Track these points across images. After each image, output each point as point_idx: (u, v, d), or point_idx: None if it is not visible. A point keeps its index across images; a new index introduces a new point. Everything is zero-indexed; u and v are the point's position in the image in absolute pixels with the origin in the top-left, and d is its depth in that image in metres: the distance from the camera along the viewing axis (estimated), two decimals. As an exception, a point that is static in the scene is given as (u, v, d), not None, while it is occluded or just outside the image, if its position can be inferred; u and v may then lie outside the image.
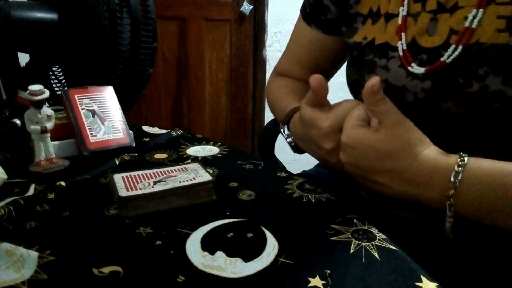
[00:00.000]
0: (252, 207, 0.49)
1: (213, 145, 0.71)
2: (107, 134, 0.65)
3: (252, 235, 0.42)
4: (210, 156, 0.66)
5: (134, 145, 0.67)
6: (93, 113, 0.65)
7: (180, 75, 2.18)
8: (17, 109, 0.75)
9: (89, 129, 0.63)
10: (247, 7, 2.11)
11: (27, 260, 0.36)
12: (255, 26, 2.19)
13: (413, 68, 0.54)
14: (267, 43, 2.20)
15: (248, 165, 0.62)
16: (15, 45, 0.83)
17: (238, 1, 2.11)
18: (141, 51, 0.80)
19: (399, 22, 0.56)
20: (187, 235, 0.42)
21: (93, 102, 0.66)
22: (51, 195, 0.50)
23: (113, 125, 0.66)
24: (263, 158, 0.67)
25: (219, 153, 0.67)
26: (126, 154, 0.64)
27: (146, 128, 0.80)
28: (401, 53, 0.56)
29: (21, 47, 0.85)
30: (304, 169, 0.83)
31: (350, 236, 0.42)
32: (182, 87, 2.20)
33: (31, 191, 0.51)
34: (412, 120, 0.56)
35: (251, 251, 0.39)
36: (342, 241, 0.41)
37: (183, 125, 2.25)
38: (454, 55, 0.51)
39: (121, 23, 0.76)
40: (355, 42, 0.64)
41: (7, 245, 0.38)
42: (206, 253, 0.39)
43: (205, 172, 0.52)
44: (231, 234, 0.42)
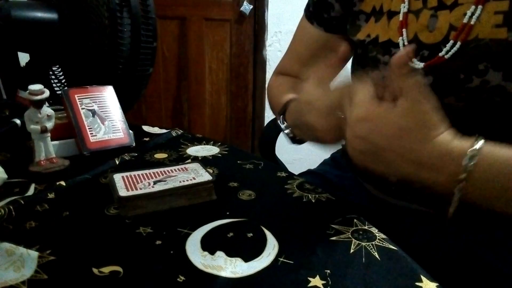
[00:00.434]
0: (252, 207, 0.49)
1: (213, 145, 0.71)
2: (107, 134, 0.65)
3: (252, 235, 0.42)
4: (210, 156, 0.66)
5: (134, 145, 0.67)
6: (93, 113, 0.65)
7: (180, 75, 2.18)
8: (17, 109, 0.75)
9: (89, 129, 0.63)
10: (247, 7, 2.11)
11: (27, 260, 0.36)
12: (255, 26, 2.19)
13: (414, 63, 0.55)
14: (267, 43, 2.20)
15: (248, 165, 0.62)
16: (15, 45, 0.83)
17: (238, 1, 2.11)
18: (141, 51, 0.80)
19: (400, 18, 0.57)
20: (187, 235, 0.42)
21: (93, 102, 0.66)
22: (51, 195, 0.50)
23: (113, 125, 0.66)
24: (264, 158, 0.67)
25: (219, 153, 0.67)
26: (126, 154, 0.64)
27: (146, 128, 0.80)
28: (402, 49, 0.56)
29: (21, 47, 0.85)
30: (304, 169, 0.83)
31: (350, 236, 0.42)
32: (182, 87, 2.20)
33: (31, 191, 0.51)
34: None
35: (251, 251, 0.39)
36: (342, 241, 0.41)
37: (183, 125, 2.25)
38: (452, 51, 0.51)
39: (121, 23, 0.76)
40: (358, 39, 0.64)
41: (7, 245, 0.38)
42: (206, 253, 0.39)
43: (205, 172, 0.52)
44: (231, 234, 0.42)
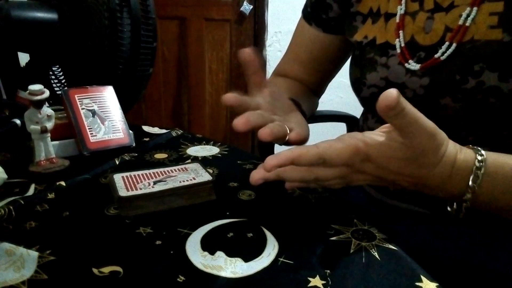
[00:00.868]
0: (252, 207, 0.49)
1: (213, 145, 0.71)
2: (107, 134, 0.65)
3: (252, 235, 0.42)
4: (210, 156, 0.66)
5: (134, 145, 0.67)
6: (93, 113, 0.65)
7: (180, 75, 2.18)
8: (17, 109, 0.75)
9: (89, 129, 0.63)
10: (247, 7, 2.11)
11: (27, 260, 0.36)
12: (255, 26, 2.19)
13: (410, 64, 0.55)
14: (267, 43, 2.20)
15: (248, 165, 0.62)
16: (15, 45, 0.83)
17: (238, 1, 2.11)
18: (141, 51, 0.80)
19: (397, 20, 0.57)
20: (187, 235, 0.42)
21: (93, 102, 0.66)
22: (51, 195, 0.50)
23: (113, 125, 0.66)
24: (263, 158, 0.67)
25: (219, 153, 0.67)
26: (126, 154, 0.64)
27: (146, 128, 0.80)
28: (399, 51, 0.57)
29: (21, 47, 0.85)
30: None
31: (350, 236, 0.42)
32: (182, 87, 2.20)
33: (31, 191, 0.51)
34: None
35: (251, 251, 0.39)
36: (342, 241, 0.41)
37: (183, 125, 2.25)
38: (448, 52, 0.52)
39: (121, 23, 0.75)
40: (356, 41, 0.64)
41: (7, 245, 0.38)
42: (206, 253, 0.39)
43: (205, 172, 0.52)
44: (231, 234, 0.42)
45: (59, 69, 0.93)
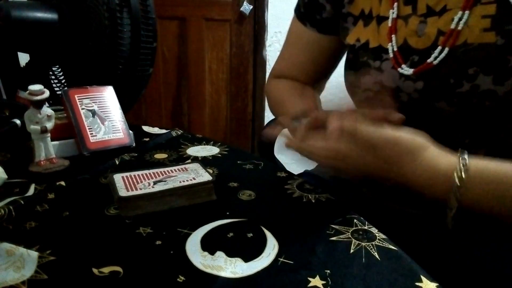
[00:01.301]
0: (252, 207, 0.49)
1: (213, 145, 0.71)
2: (107, 134, 0.65)
3: (252, 235, 0.42)
4: (210, 156, 0.66)
5: (134, 145, 0.67)
6: (93, 113, 0.65)
7: (180, 75, 2.18)
8: (17, 109, 0.75)
9: (89, 129, 0.63)
10: (247, 7, 2.11)
11: (27, 260, 0.36)
12: (255, 26, 2.19)
13: (403, 69, 0.55)
14: (267, 43, 2.20)
15: (248, 165, 0.62)
16: (15, 45, 0.83)
17: (238, 1, 2.11)
18: (141, 51, 0.80)
19: (389, 24, 0.57)
20: (187, 235, 0.42)
21: (93, 102, 0.66)
22: (51, 195, 0.50)
23: (113, 125, 0.66)
24: (263, 158, 0.67)
25: (219, 153, 0.67)
26: (126, 154, 0.64)
27: (146, 128, 0.80)
28: (392, 55, 0.56)
29: (21, 47, 0.85)
30: (303, 170, 0.83)
31: (350, 236, 0.42)
32: (182, 87, 2.20)
33: (31, 191, 0.51)
34: (408, 119, 0.56)
35: (251, 251, 0.39)
36: (342, 241, 0.41)
37: (183, 125, 2.25)
38: (440, 57, 0.51)
39: (121, 23, 0.75)
40: (348, 44, 0.64)
41: (7, 245, 0.38)
42: (206, 253, 0.39)
43: (205, 172, 0.52)
44: (231, 234, 0.42)
45: (59, 69, 0.93)
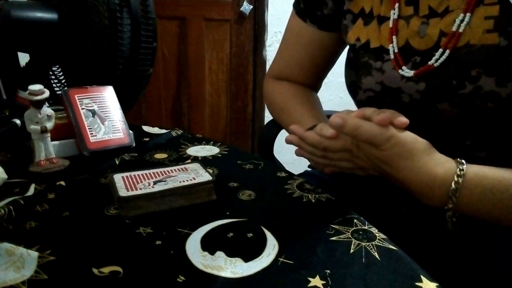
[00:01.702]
0: (252, 207, 0.49)
1: (213, 145, 0.71)
2: (107, 134, 0.65)
3: (252, 235, 0.42)
4: (210, 156, 0.66)
5: (134, 145, 0.67)
6: (93, 113, 0.65)
7: (180, 75, 2.18)
8: (17, 109, 0.75)
9: (89, 129, 0.63)
10: (247, 7, 2.11)
11: (27, 260, 0.36)
12: (255, 26, 2.19)
13: (404, 71, 0.55)
14: (267, 43, 2.20)
15: (248, 165, 0.62)
16: (15, 45, 0.83)
17: (238, 1, 2.11)
18: (141, 51, 0.80)
19: (390, 25, 0.57)
20: (187, 235, 0.42)
21: (93, 102, 0.66)
22: (51, 195, 0.50)
23: (113, 125, 0.66)
24: (263, 158, 0.67)
25: (219, 153, 0.67)
26: (126, 154, 0.64)
27: (146, 128, 0.80)
28: (392, 56, 0.56)
29: (21, 47, 0.85)
30: (302, 170, 0.83)
31: (350, 236, 0.42)
32: (182, 87, 2.20)
33: (31, 191, 0.51)
34: (410, 120, 0.56)
35: (251, 251, 0.39)
36: (342, 241, 0.41)
37: (183, 125, 2.25)
38: (442, 59, 0.51)
39: (121, 23, 0.75)
40: (349, 43, 0.64)
41: (7, 245, 0.38)
42: (206, 253, 0.39)
43: (205, 172, 0.52)
44: (231, 234, 0.42)
45: (59, 69, 0.93)
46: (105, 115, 0.66)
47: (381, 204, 0.64)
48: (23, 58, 0.90)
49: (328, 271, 0.36)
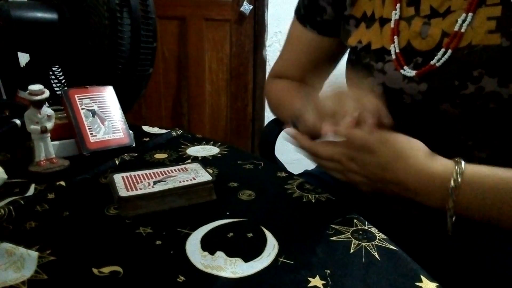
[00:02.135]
0: (252, 207, 0.49)
1: (213, 145, 0.71)
2: (107, 134, 0.65)
3: (252, 235, 0.42)
4: (210, 156, 0.66)
5: (134, 145, 0.67)
6: (93, 113, 0.65)
7: (180, 75, 2.18)
8: (17, 109, 0.75)
9: (89, 129, 0.63)
10: (247, 7, 2.11)
11: (27, 260, 0.36)
12: (255, 26, 2.19)
13: (405, 71, 0.55)
14: (267, 43, 2.20)
15: (248, 165, 0.62)
16: (15, 45, 0.83)
17: (238, 1, 2.11)
18: (141, 51, 0.80)
19: (392, 26, 0.57)
20: (187, 235, 0.42)
21: (93, 102, 0.66)
22: (51, 195, 0.50)
23: (113, 125, 0.66)
24: (264, 158, 0.67)
25: (219, 153, 0.67)
26: (126, 154, 0.64)
27: (146, 128, 0.80)
28: (394, 56, 0.56)
29: (21, 47, 0.85)
30: (303, 170, 0.83)
31: (350, 236, 0.42)
32: (182, 87, 2.20)
33: (31, 191, 0.51)
34: (411, 121, 0.57)
35: (251, 251, 0.39)
36: (342, 241, 0.41)
37: (183, 125, 2.25)
38: (444, 59, 0.51)
39: (121, 23, 0.75)
40: (350, 45, 0.64)
41: (7, 245, 0.38)
42: (206, 253, 0.39)
43: (205, 172, 0.52)
44: (231, 234, 0.42)
45: (59, 69, 0.93)
46: (105, 115, 0.66)
47: (381, 204, 0.64)
48: (23, 58, 0.90)
49: (328, 271, 0.36)
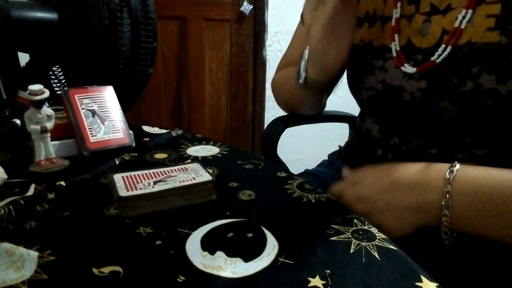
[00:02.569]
0: (252, 207, 0.48)
1: (213, 145, 0.71)
2: (107, 134, 0.65)
3: (252, 235, 0.42)
4: (210, 156, 0.66)
5: (134, 145, 0.67)
6: (93, 113, 0.65)
7: (180, 75, 2.18)
8: (17, 109, 0.75)
9: (89, 129, 0.63)
10: (247, 7, 2.11)
11: (27, 260, 0.36)
12: (255, 26, 2.19)
13: (406, 68, 0.55)
14: (267, 43, 2.20)
15: (248, 165, 0.62)
16: (15, 45, 0.83)
17: (238, 1, 2.11)
18: (141, 51, 0.80)
19: (393, 23, 0.57)
20: (187, 235, 0.42)
21: (93, 102, 0.66)
22: (51, 195, 0.50)
23: (113, 125, 0.66)
24: (266, 158, 0.67)
25: (219, 153, 0.67)
26: (126, 154, 0.64)
27: (146, 128, 0.80)
28: (395, 54, 0.57)
29: (21, 47, 0.85)
30: (306, 168, 0.83)
31: (350, 236, 0.42)
32: (182, 87, 2.20)
33: (31, 191, 0.51)
34: (411, 118, 0.57)
35: (251, 251, 0.39)
36: (342, 241, 0.41)
37: (183, 125, 2.25)
38: (443, 55, 0.52)
39: (121, 23, 0.75)
40: (353, 44, 0.64)
41: (7, 245, 0.38)
42: (206, 253, 0.39)
43: (205, 172, 0.52)
44: (231, 234, 0.42)
45: (59, 69, 0.93)
46: (105, 115, 0.66)
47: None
48: (23, 58, 0.90)
49: (328, 271, 0.36)
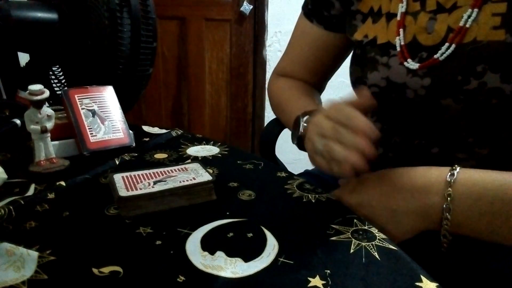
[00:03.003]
0: (252, 207, 0.49)
1: (213, 145, 0.71)
2: (107, 134, 0.65)
3: (252, 235, 0.42)
4: (210, 156, 0.66)
5: (134, 145, 0.67)
6: (93, 113, 0.65)
7: (180, 75, 2.18)
8: (17, 109, 0.75)
9: (89, 129, 0.63)
10: (247, 7, 2.11)
11: (27, 260, 0.36)
12: (255, 26, 2.19)
13: (409, 63, 0.55)
14: (267, 43, 2.20)
15: (248, 165, 0.62)
16: (15, 45, 0.83)
17: (238, 1, 2.11)
18: (141, 51, 0.80)
19: (398, 18, 0.57)
20: (187, 235, 0.42)
21: (93, 102, 0.66)
22: (51, 195, 0.50)
23: (113, 125, 0.66)
24: (264, 158, 0.67)
25: (219, 153, 0.67)
26: (126, 154, 0.64)
27: (146, 128, 0.80)
28: (399, 49, 0.56)
29: (21, 47, 0.85)
30: (303, 170, 0.83)
31: (350, 236, 0.42)
32: (182, 87, 2.20)
33: (31, 191, 0.51)
34: (413, 116, 0.57)
35: (251, 251, 0.39)
36: (342, 241, 0.41)
37: (183, 125, 2.25)
38: (447, 53, 0.52)
39: (121, 23, 0.75)
40: (356, 40, 0.64)
41: (7, 245, 0.38)
42: (206, 253, 0.39)
43: (205, 172, 0.52)
44: (231, 234, 0.42)
45: (59, 69, 0.93)
46: (105, 115, 0.66)
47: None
48: (23, 58, 0.90)
49: (328, 271, 0.36)
